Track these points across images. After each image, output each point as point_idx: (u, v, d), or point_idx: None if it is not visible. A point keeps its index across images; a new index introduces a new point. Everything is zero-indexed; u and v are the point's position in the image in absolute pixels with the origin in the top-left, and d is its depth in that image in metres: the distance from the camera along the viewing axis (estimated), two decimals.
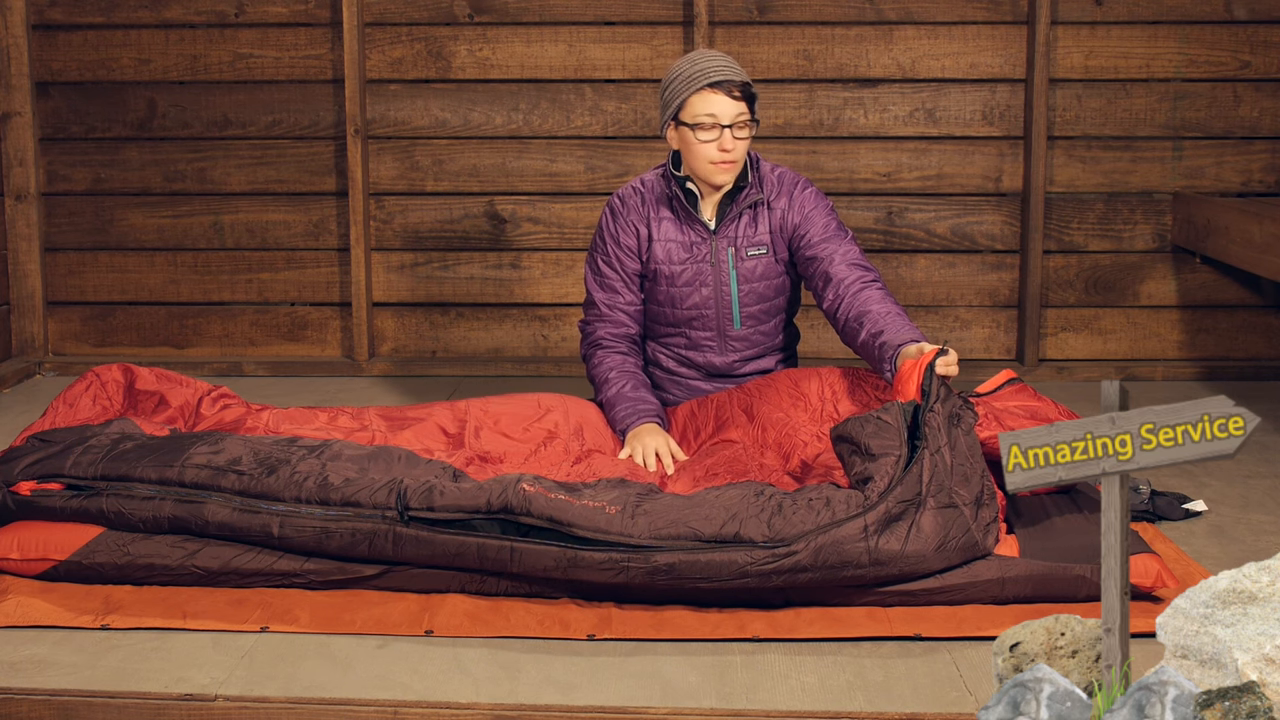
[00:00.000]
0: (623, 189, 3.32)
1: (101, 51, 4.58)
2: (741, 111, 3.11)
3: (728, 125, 3.10)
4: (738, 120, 3.10)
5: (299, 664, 2.29)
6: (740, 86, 3.10)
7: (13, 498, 2.66)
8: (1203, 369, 4.50)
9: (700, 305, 3.26)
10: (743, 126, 3.12)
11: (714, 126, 3.10)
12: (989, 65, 4.48)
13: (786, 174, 3.27)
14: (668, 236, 3.24)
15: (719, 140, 3.10)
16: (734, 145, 3.11)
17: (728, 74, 3.10)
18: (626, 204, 3.27)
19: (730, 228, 3.22)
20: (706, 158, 3.13)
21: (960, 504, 2.49)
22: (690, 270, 3.23)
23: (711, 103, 3.09)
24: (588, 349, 3.33)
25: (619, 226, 3.26)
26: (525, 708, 2.15)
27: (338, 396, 4.24)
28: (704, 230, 3.23)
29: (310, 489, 2.56)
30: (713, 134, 3.10)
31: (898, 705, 2.15)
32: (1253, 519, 3.05)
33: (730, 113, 3.10)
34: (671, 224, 3.24)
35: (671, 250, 3.23)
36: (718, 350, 3.29)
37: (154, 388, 3.17)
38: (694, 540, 2.43)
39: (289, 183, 4.61)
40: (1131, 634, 2.37)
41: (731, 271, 3.22)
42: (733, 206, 3.21)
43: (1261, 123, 4.47)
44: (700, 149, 3.13)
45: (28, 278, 4.65)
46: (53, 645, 2.36)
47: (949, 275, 4.57)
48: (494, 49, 4.52)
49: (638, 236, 3.25)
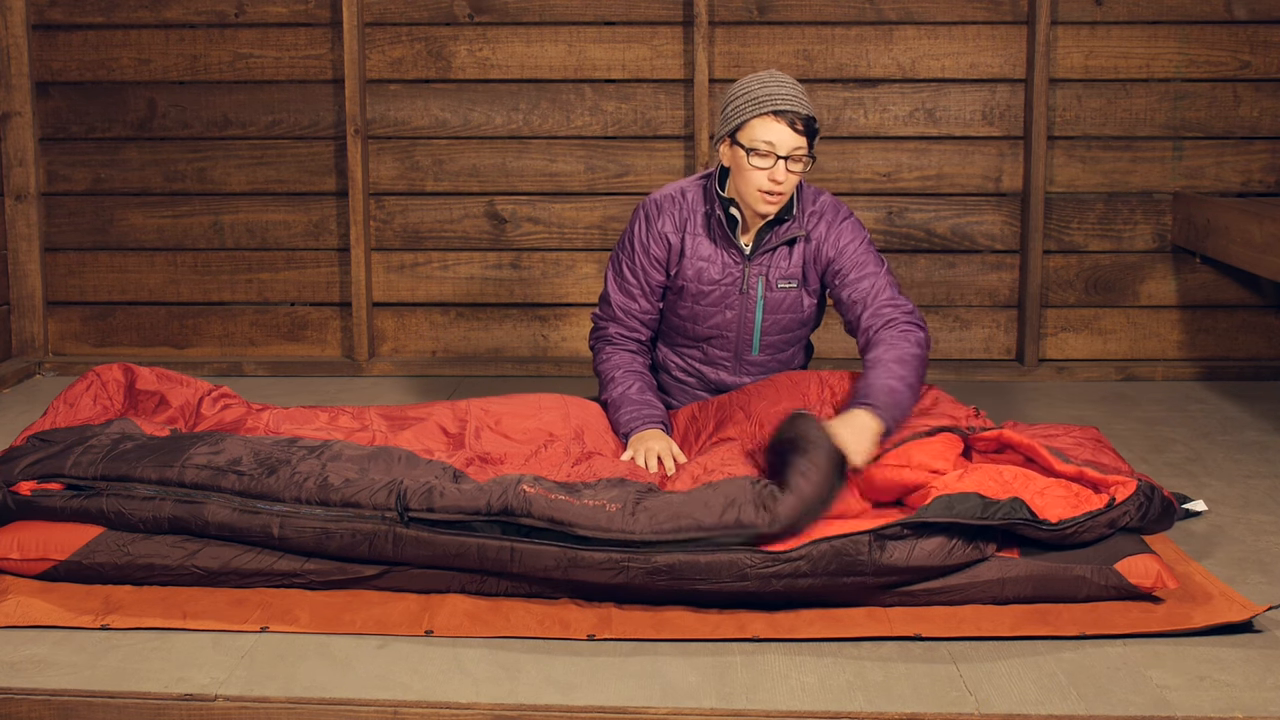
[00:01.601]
0: (660, 195, 3.23)
1: (101, 51, 4.58)
2: (800, 145, 3.01)
3: (784, 156, 3.00)
4: (795, 153, 3.00)
5: (299, 664, 2.29)
6: (805, 120, 3.00)
7: (13, 498, 2.65)
8: (1203, 369, 4.50)
9: (722, 328, 3.22)
10: (798, 160, 3.02)
11: (769, 154, 3.00)
12: (989, 65, 4.48)
13: (828, 203, 3.19)
14: (701, 255, 3.17)
15: (772, 171, 3.01)
16: (785, 178, 3.01)
17: (794, 105, 2.99)
18: (663, 213, 3.19)
19: (765, 257, 3.16)
20: (756, 185, 3.05)
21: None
22: (718, 293, 3.19)
23: (772, 130, 2.99)
24: (596, 341, 3.31)
25: (650, 236, 3.19)
26: (525, 708, 2.15)
27: (338, 396, 4.24)
28: (739, 255, 3.16)
29: (310, 489, 2.56)
30: (767, 162, 3.01)
31: (898, 705, 2.15)
32: (1253, 519, 3.05)
33: (789, 144, 3.00)
34: (706, 243, 3.17)
35: (703, 270, 3.17)
36: (731, 370, 3.28)
37: (154, 388, 3.16)
38: (696, 529, 2.43)
39: (289, 183, 4.61)
40: (1131, 634, 2.38)
41: (759, 301, 3.18)
42: (771, 236, 3.15)
43: (1261, 123, 4.47)
44: (751, 175, 3.04)
45: (28, 278, 4.65)
46: (53, 645, 2.36)
47: (949, 275, 4.57)
48: (494, 49, 4.52)
49: (669, 249, 3.18)
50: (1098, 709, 2.13)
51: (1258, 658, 2.31)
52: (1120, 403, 4.17)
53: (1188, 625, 2.40)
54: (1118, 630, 2.39)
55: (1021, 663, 2.29)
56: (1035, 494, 2.57)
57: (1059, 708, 2.14)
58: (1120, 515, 2.54)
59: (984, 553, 2.49)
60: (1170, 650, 2.33)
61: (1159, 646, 2.35)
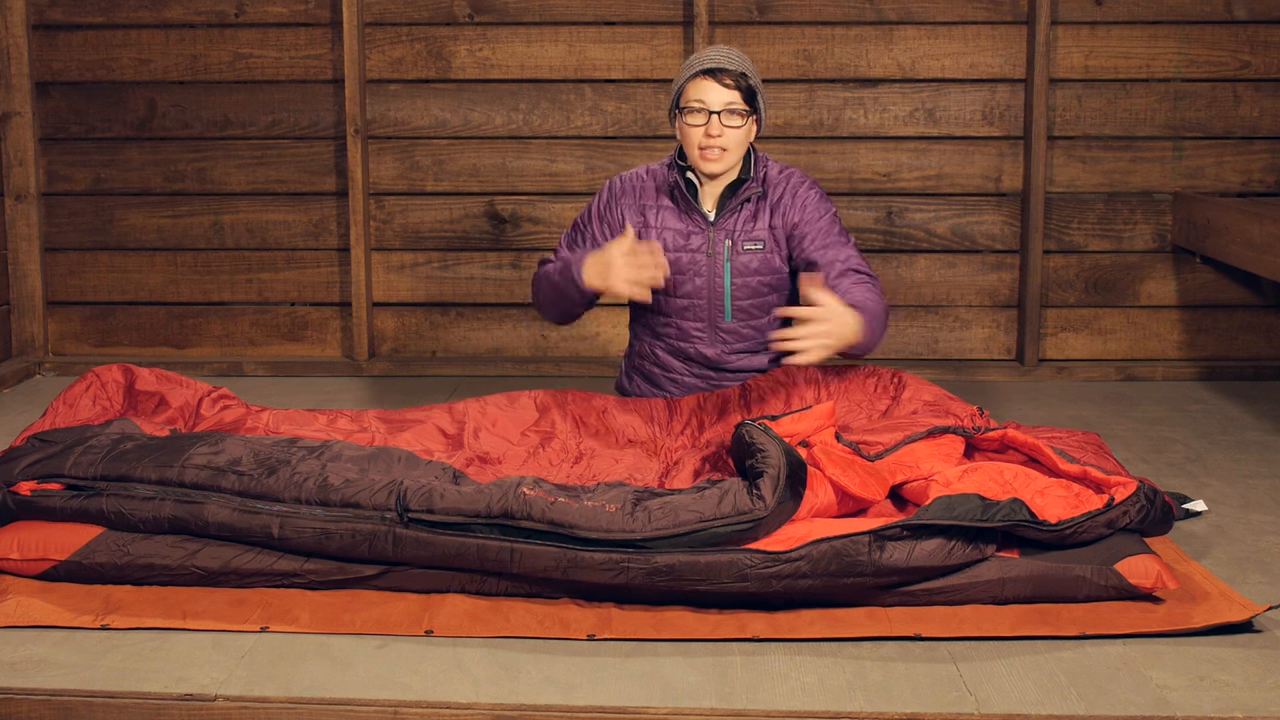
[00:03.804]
0: (629, 173, 3.34)
1: (101, 51, 4.58)
2: (732, 101, 3.13)
3: (716, 111, 3.13)
4: (727, 107, 3.13)
5: (299, 664, 2.29)
6: (735, 76, 3.13)
7: (13, 498, 2.65)
8: (1203, 369, 4.51)
9: (693, 295, 3.26)
10: (732, 115, 3.14)
11: (702, 111, 3.14)
12: (989, 65, 4.48)
13: (795, 174, 3.29)
14: (666, 224, 3.26)
15: (707, 126, 3.13)
16: (721, 132, 3.13)
17: (722, 63, 3.14)
18: (626, 189, 3.30)
19: (729, 220, 3.24)
20: (694, 143, 3.17)
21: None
22: (685, 259, 3.25)
23: (702, 89, 3.14)
24: (537, 269, 3.32)
25: (608, 208, 3.30)
26: (525, 708, 2.15)
27: (338, 397, 4.24)
28: (702, 220, 3.25)
29: (310, 490, 2.56)
30: (700, 119, 3.14)
31: (898, 705, 2.15)
32: (1253, 519, 3.05)
33: (719, 100, 3.13)
34: (671, 212, 3.27)
35: (668, 238, 3.25)
36: (707, 341, 3.30)
37: (154, 388, 3.17)
38: (699, 520, 2.43)
39: (289, 183, 4.62)
40: (1131, 634, 2.38)
41: (726, 264, 3.23)
42: (733, 199, 3.23)
43: (1261, 123, 4.47)
44: (690, 134, 3.17)
45: (28, 278, 4.65)
46: (53, 645, 2.36)
47: (949, 275, 4.57)
48: (494, 49, 4.52)
49: (623, 225, 3.24)
50: (1098, 709, 2.13)
51: (1258, 658, 2.31)
52: (1120, 403, 4.17)
53: (1188, 625, 2.40)
54: (1118, 630, 2.38)
55: (1021, 663, 2.29)
56: (1036, 493, 2.57)
57: (1059, 708, 2.14)
58: (1119, 515, 2.54)
59: (984, 553, 2.49)
60: (1170, 650, 2.33)
61: (1159, 646, 2.35)
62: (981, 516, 2.47)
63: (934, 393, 3.14)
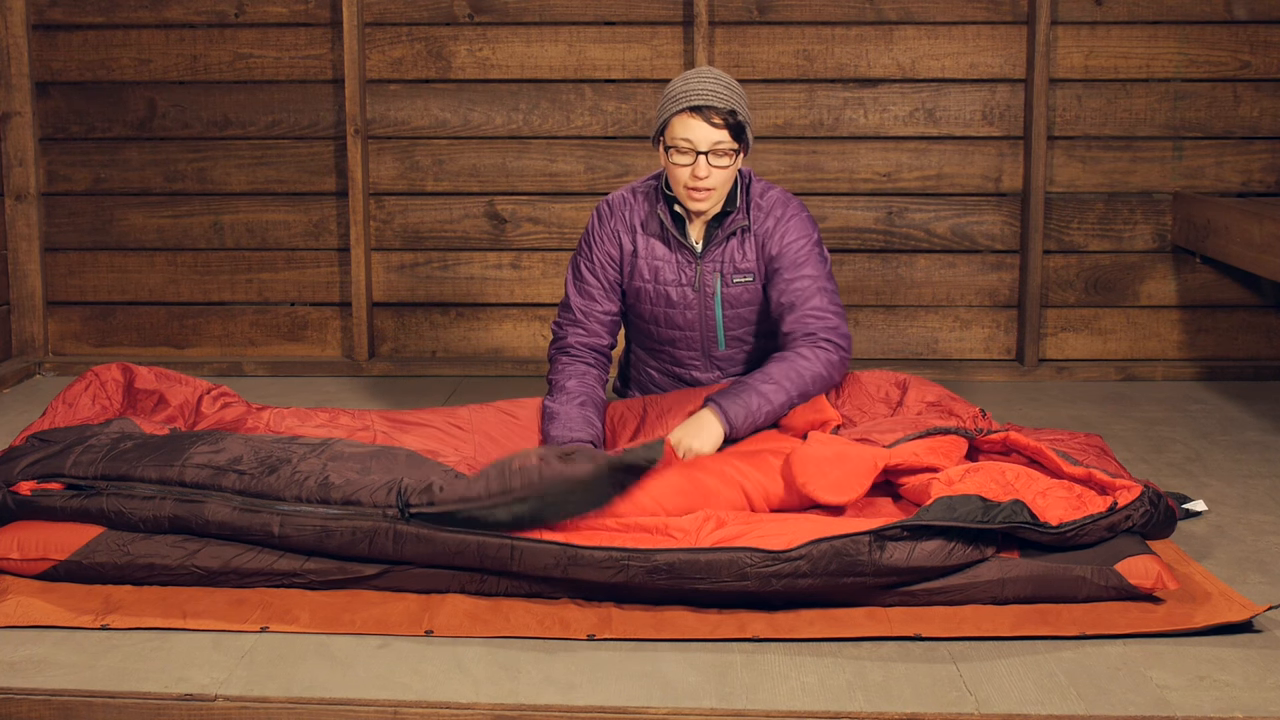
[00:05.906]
0: (614, 195, 3.25)
1: (101, 51, 4.58)
2: (720, 140, 3.00)
3: (704, 152, 3.01)
4: (715, 148, 3.00)
5: (299, 664, 2.29)
6: (724, 114, 2.99)
7: (13, 498, 2.65)
8: (1203, 369, 4.50)
9: (685, 327, 3.22)
10: (721, 155, 3.02)
11: (689, 151, 3.01)
12: (989, 65, 4.48)
13: (778, 198, 3.18)
14: (655, 255, 3.18)
15: (694, 167, 3.02)
16: (708, 173, 3.01)
17: (710, 100, 2.99)
18: (614, 211, 3.21)
19: (717, 252, 3.16)
20: (681, 182, 3.05)
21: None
22: (674, 293, 3.18)
23: (689, 127, 3.00)
24: (555, 351, 3.26)
25: (604, 233, 3.20)
26: (525, 708, 2.15)
27: (338, 396, 4.24)
28: (690, 255, 3.16)
29: (311, 488, 2.56)
30: (686, 159, 3.02)
31: (898, 705, 2.15)
32: (1253, 519, 3.05)
33: (707, 140, 3.00)
34: (659, 243, 3.18)
35: (659, 269, 3.18)
36: (703, 368, 3.28)
37: (153, 387, 3.16)
38: None
39: (289, 183, 4.62)
40: (1131, 634, 2.38)
41: (717, 297, 3.17)
42: (718, 232, 3.15)
43: (1261, 123, 4.47)
44: (676, 173, 3.05)
45: (28, 278, 4.65)
46: (53, 645, 2.36)
47: (949, 275, 4.57)
48: (494, 49, 4.52)
49: (620, 247, 3.19)
50: (1098, 709, 2.13)
51: (1258, 658, 2.31)
52: (1120, 403, 4.17)
53: (1188, 625, 2.40)
54: (1118, 630, 2.39)
55: (1021, 663, 2.29)
56: (1037, 494, 2.57)
57: (1059, 708, 2.14)
58: (1121, 520, 2.54)
59: (984, 553, 2.49)
60: (1170, 650, 2.33)
61: (1159, 646, 2.35)
62: (982, 518, 2.47)
63: (937, 393, 3.14)
